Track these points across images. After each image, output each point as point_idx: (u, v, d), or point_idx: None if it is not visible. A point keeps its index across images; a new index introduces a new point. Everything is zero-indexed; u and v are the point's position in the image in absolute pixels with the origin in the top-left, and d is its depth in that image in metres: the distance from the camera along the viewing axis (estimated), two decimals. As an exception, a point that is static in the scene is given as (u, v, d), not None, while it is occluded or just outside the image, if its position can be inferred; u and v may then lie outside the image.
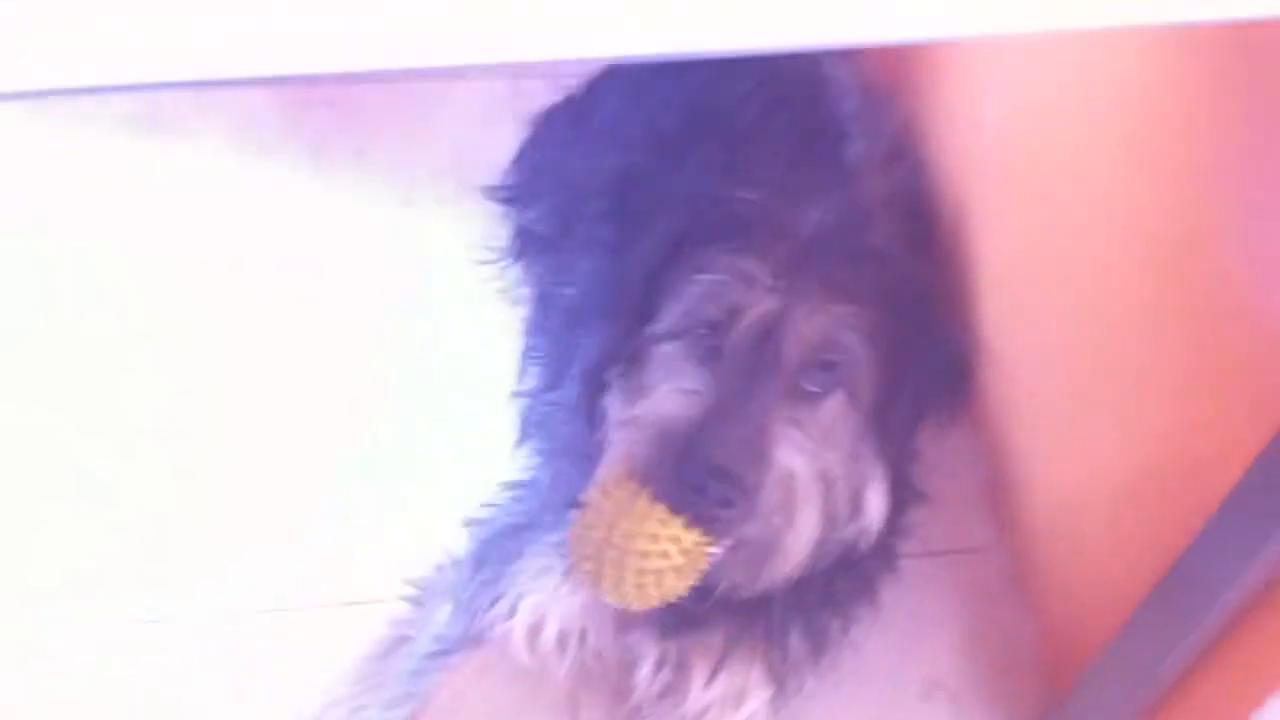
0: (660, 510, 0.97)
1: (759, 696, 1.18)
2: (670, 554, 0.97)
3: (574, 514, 1.02)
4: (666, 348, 1.08)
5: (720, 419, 0.99)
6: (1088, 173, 1.21)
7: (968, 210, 1.48)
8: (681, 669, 1.18)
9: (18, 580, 1.28)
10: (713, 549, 1.00)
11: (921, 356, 1.08)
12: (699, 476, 0.97)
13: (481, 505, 1.30)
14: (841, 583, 1.16)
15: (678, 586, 0.99)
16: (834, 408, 1.05)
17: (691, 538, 0.97)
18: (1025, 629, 1.36)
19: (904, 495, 1.14)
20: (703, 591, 1.06)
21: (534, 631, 1.19)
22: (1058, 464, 1.32)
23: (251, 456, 1.40)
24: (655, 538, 0.97)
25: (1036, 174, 1.33)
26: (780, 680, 1.17)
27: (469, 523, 1.30)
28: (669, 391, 1.04)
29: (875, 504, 1.07)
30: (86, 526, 1.32)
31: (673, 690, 1.20)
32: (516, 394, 1.41)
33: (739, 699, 1.18)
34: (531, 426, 1.36)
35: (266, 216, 1.60)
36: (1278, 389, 0.91)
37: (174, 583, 1.31)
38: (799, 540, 1.03)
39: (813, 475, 1.02)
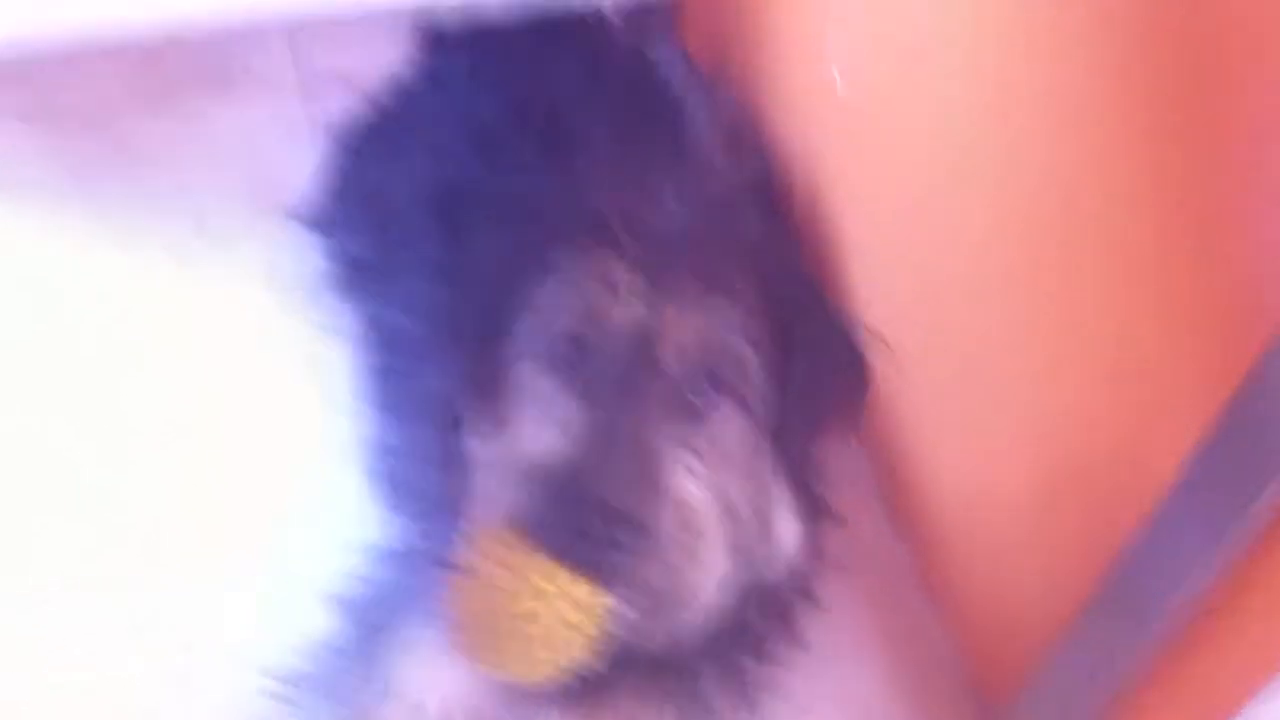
0: (543, 562, 0.84)
1: None
2: (561, 612, 0.84)
3: (445, 580, 0.88)
4: (525, 372, 0.94)
5: (598, 449, 0.87)
6: (963, 123, 1.11)
7: (824, 191, 1.38)
8: None
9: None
10: (608, 600, 0.87)
11: (812, 350, 0.97)
12: (585, 519, 0.84)
13: (340, 578, 1.13)
14: (757, 620, 1.04)
15: (574, 649, 0.86)
16: (725, 421, 0.93)
17: (583, 590, 0.84)
18: (951, 648, 1.27)
19: (813, 513, 1.02)
20: (604, 647, 0.92)
21: (417, 715, 1.04)
22: (965, 464, 1.22)
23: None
24: (540, 595, 0.84)
25: (899, 138, 1.23)
26: None
27: (330, 600, 1.13)
28: (534, 423, 0.91)
29: (786, 528, 0.96)
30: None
31: None
32: (359, 446, 1.25)
33: None
34: (383, 482, 1.20)
35: (35, 262, 1.41)
36: (1222, 360, 0.81)
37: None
38: (707, 579, 0.91)
39: (712, 502, 0.90)
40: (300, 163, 1.44)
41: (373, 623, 1.06)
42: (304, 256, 1.40)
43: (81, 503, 1.23)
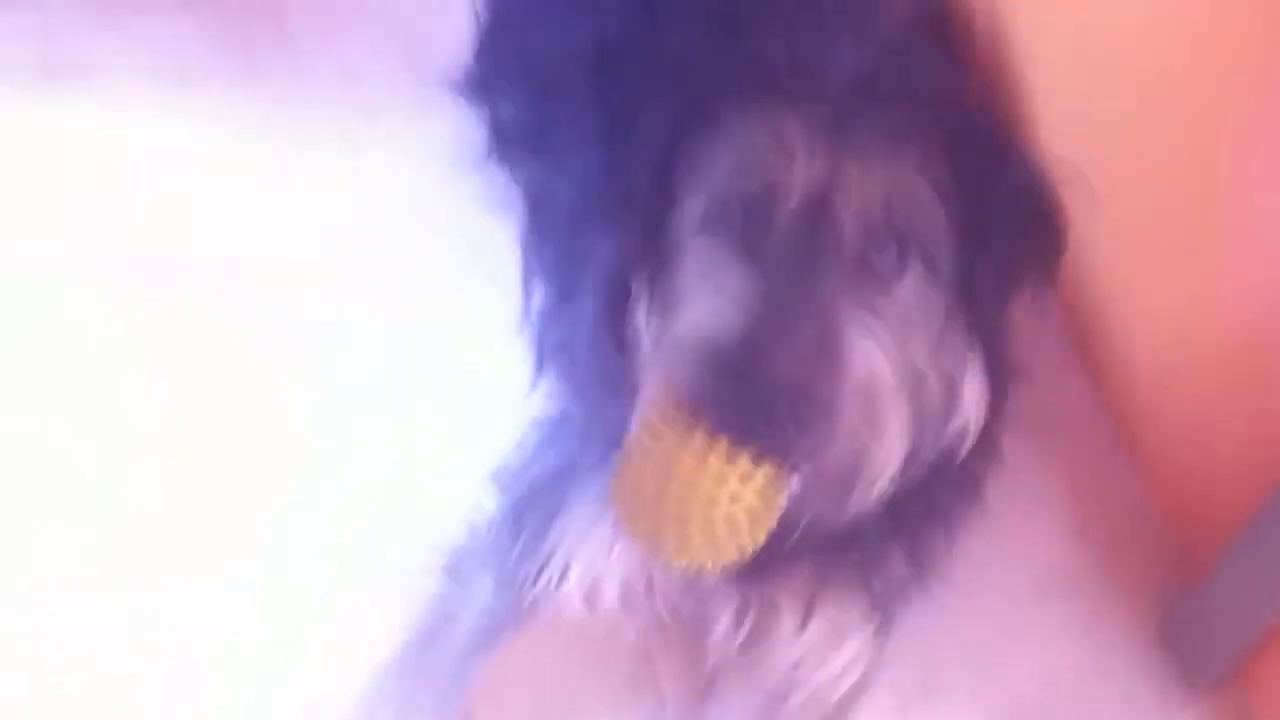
0: (722, 446, 0.80)
1: (861, 633, 1.03)
2: (742, 496, 0.81)
3: (616, 461, 0.85)
4: (698, 243, 0.90)
5: (777, 323, 0.82)
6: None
7: (1006, 25, 1.28)
8: (769, 614, 1.03)
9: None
10: (790, 482, 0.83)
11: (1005, 205, 0.90)
12: (763, 398, 0.80)
13: (508, 453, 1.13)
14: (942, 489, 0.99)
15: (756, 534, 0.83)
16: (912, 286, 0.87)
17: (764, 473, 0.81)
18: (1144, 512, 1.21)
19: (1002, 376, 0.96)
20: (785, 528, 0.89)
21: (593, 592, 1.04)
22: (1165, 316, 1.15)
23: (252, 430, 1.26)
24: (721, 479, 0.80)
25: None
26: (884, 609, 1.02)
27: (498, 474, 1.13)
28: (709, 296, 0.87)
29: (974, 396, 0.90)
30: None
31: (760, 640, 1.04)
32: (526, 317, 1.23)
33: (839, 639, 1.03)
34: (549, 354, 1.18)
35: (206, 159, 1.42)
36: None
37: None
38: (890, 455, 0.86)
39: (899, 374, 0.85)
40: (457, 30, 1.40)
41: (543, 501, 1.05)
42: (464, 127, 1.38)
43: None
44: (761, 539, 0.83)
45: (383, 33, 1.49)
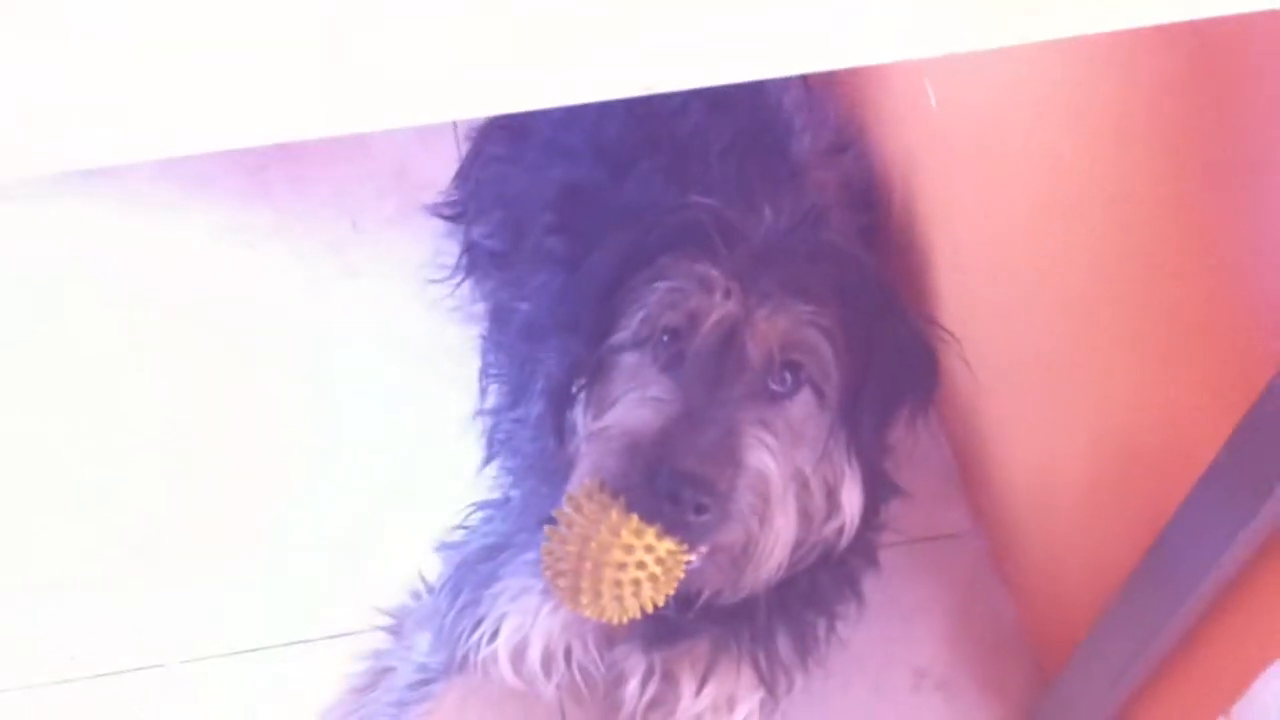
0: (634, 521, 0.96)
1: (749, 701, 1.17)
2: (646, 564, 0.96)
3: (547, 529, 1.01)
4: (629, 357, 1.07)
5: (688, 425, 0.99)
6: (1039, 148, 1.21)
7: (917, 197, 1.48)
8: (670, 680, 1.17)
9: (12, 582, 1.27)
10: (689, 557, 0.99)
11: (886, 348, 1.08)
12: (671, 484, 0.96)
13: (453, 529, 1.29)
14: (824, 581, 1.16)
15: (656, 596, 0.98)
16: (802, 407, 1.04)
17: (666, 546, 0.97)
18: (1009, 612, 1.37)
19: (879, 489, 1.14)
20: (685, 600, 1.06)
21: (518, 653, 1.18)
22: (1030, 446, 1.32)
23: (197, 508, 1.38)
24: (630, 548, 0.96)
25: (985, 155, 1.33)
26: (769, 683, 1.17)
27: (442, 548, 1.29)
28: (635, 401, 1.03)
29: (851, 500, 1.07)
30: (80, 529, 1.31)
31: (662, 702, 1.19)
32: (479, 413, 1.40)
33: (730, 705, 1.17)
34: (497, 445, 1.35)
35: (212, 252, 1.58)
36: (1251, 360, 0.91)
37: (185, 558, 1.31)
38: (776, 542, 1.02)
39: (786, 476, 1.02)
40: (444, 163, 1.59)
41: (480, 571, 1.20)
42: (440, 246, 1.56)
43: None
44: (662, 601, 0.98)
45: (375, 161, 1.66)
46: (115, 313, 1.50)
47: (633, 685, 1.18)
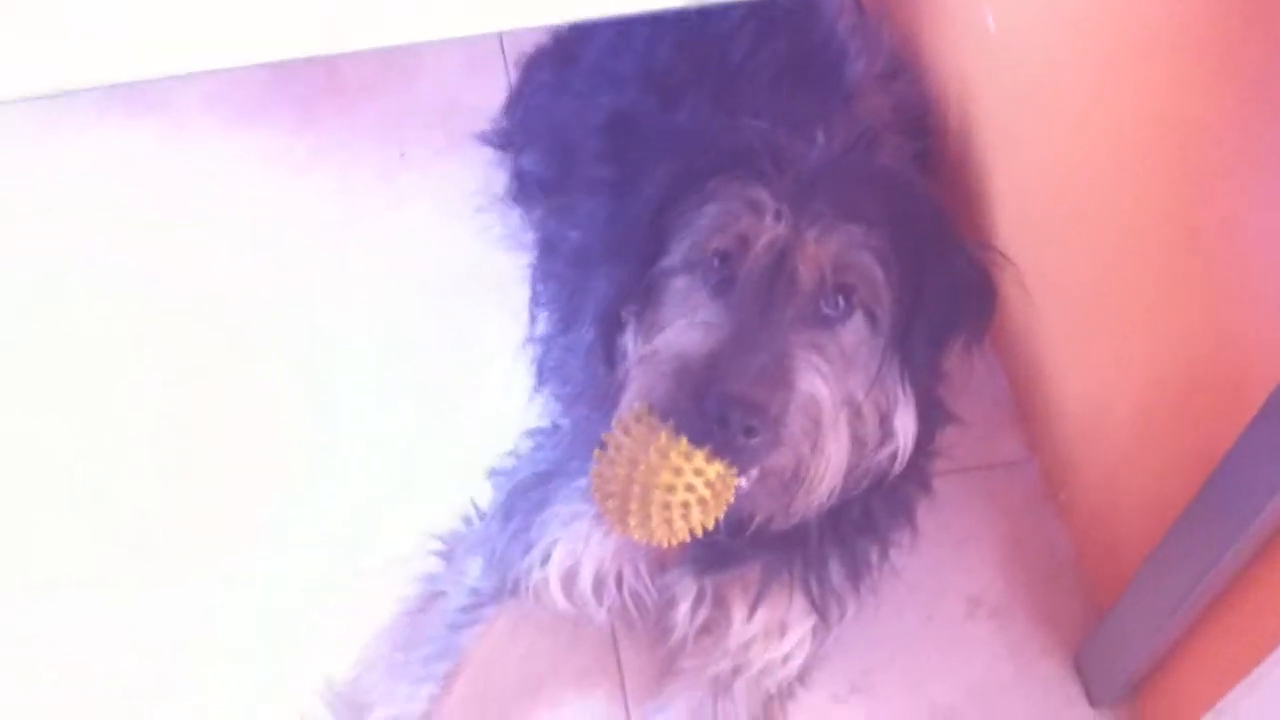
0: (683, 444, 0.95)
1: (801, 627, 1.17)
2: (695, 487, 0.96)
3: (596, 453, 1.00)
4: (679, 282, 1.06)
5: (738, 349, 0.98)
6: (1096, 71, 1.18)
7: (973, 120, 1.45)
8: (720, 605, 1.18)
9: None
10: (739, 480, 0.98)
11: (941, 273, 1.06)
12: (720, 407, 0.95)
13: (504, 456, 1.29)
14: (877, 507, 1.15)
15: (705, 520, 0.97)
16: (854, 331, 1.03)
17: (716, 469, 0.96)
18: (1063, 542, 1.35)
19: (933, 416, 1.12)
20: (736, 525, 1.05)
21: (569, 578, 1.18)
22: (1086, 372, 1.30)
23: (267, 423, 1.39)
24: (679, 471, 0.95)
25: (1043, 80, 1.30)
26: (821, 609, 1.17)
27: (494, 474, 1.29)
28: (685, 325, 1.02)
29: (905, 426, 1.05)
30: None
31: (713, 626, 1.19)
32: (529, 341, 1.40)
33: (781, 630, 1.17)
34: (548, 372, 1.35)
35: (258, 186, 1.58)
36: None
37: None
38: (828, 467, 1.01)
39: (837, 400, 1.00)
40: (493, 92, 1.58)
41: (531, 497, 1.20)
42: (491, 176, 1.55)
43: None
44: (711, 524, 0.98)
45: (423, 91, 1.65)
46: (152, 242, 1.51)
47: (684, 609, 1.18)
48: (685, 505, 0.96)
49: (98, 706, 1.21)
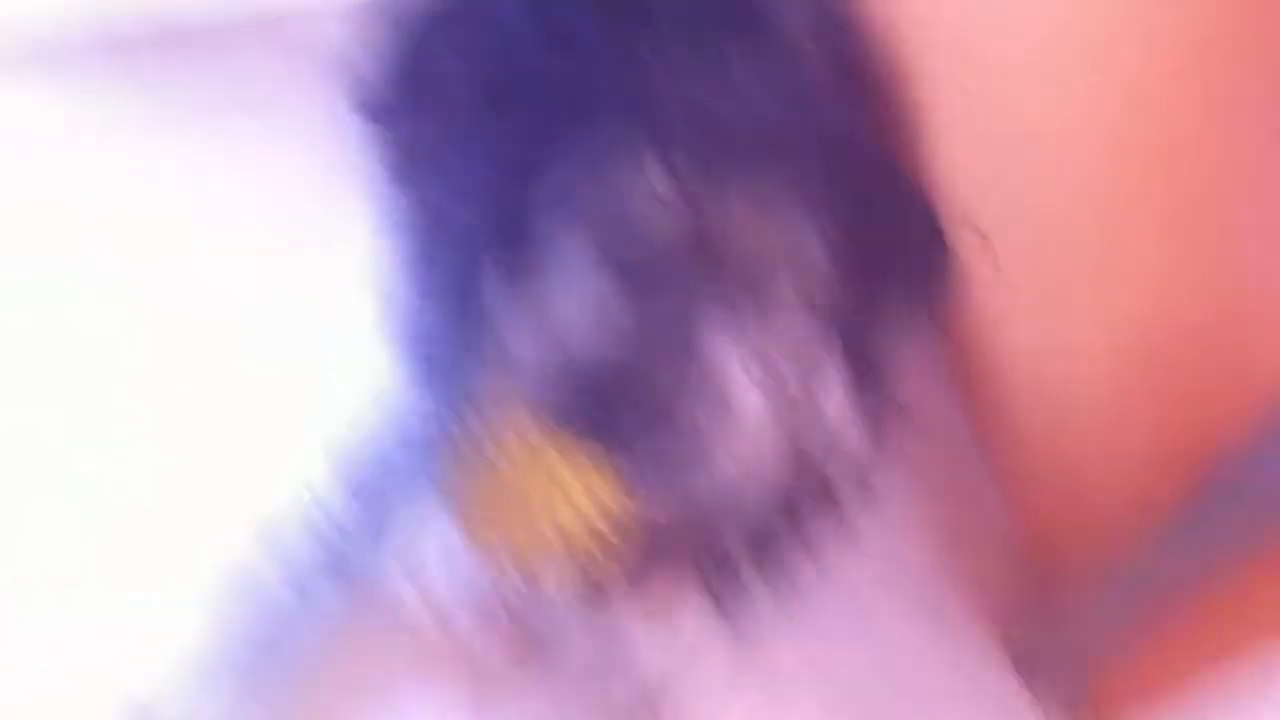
0: (562, 443, 0.83)
1: (690, 608, 1.02)
2: (578, 496, 0.83)
3: (459, 465, 0.87)
4: (574, 265, 0.92)
5: (644, 347, 0.86)
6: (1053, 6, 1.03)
7: (921, 69, 1.28)
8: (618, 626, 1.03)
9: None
10: (633, 486, 0.86)
11: (889, 240, 0.95)
12: (623, 422, 0.82)
13: (355, 453, 1.12)
14: (805, 505, 1.02)
15: (593, 536, 0.86)
16: (786, 317, 0.89)
17: (603, 474, 0.83)
18: (1013, 536, 1.24)
19: (873, 399, 1.00)
20: (635, 534, 0.91)
21: (427, 597, 1.02)
22: (1045, 353, 1.16)
23: None
24: (558, 477, 0.83)
25: (1000, 18, 1.12)
26: (738, 626, 1.04)
27: (339, 472, 1.12)
28: (579, 317, 0.89)
29: (839, 411, 0.94)
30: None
31: (608, 653, 1.04)
32: (402, 330, 1.21)
33: (665, 612, 1.02)
34: (416, 363, 1.17)
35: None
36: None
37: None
38: (746, 463, 0.89)
39: (770, 404, 0.87)
40: (364, 52, 1.38)
41: (385, 499, 1.05)
42: (362, 144, 1.36)
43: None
44: (599, 542, 0.85)
45: (288, 47, 1.50)
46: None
47: (573, 629, 1.03)
48: (579, 541, 0.81)
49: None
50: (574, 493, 0.83)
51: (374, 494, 1.05)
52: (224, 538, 1.17)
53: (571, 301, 0.90)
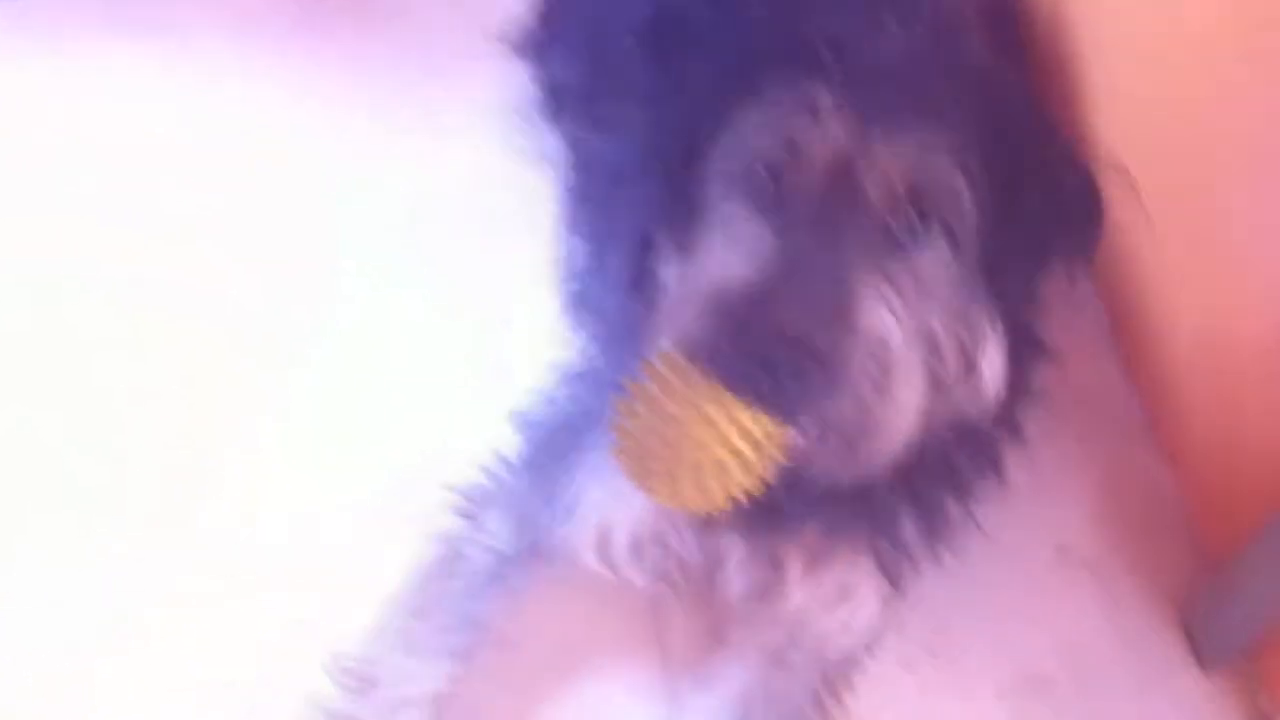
0: (719, 392, 0.80)
1: (867, 592, 1.03)
2: (735, 444, 0.80)
3: (618, 403, 0.85)
4: (722, 200, 0.90)
5: (789, 279, 0.82)
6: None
7: (1069, 7, 1.27)
8: (775, 568, 1.03)
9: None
10: (791, 435, 0.82)
11: (1037, 184, 0.89)
12: (764, 349, 0.79)
13: (533, 400, 1.15)
14: (959, 457, 0.99)
15: (747, 483, 0.82)
16: (933, 256, 0.86)
17: (760, 424, 0.80)
18: (1167, 486, 1.19)
19: (1027, 353, 0.95)
20: (793, 484, 0.89)
21: (603, 540, 1.05)
22: (1199, 296, 1.13)
23: (278, 358, 1.27)
24: (714, 425, 0.80)
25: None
26: (892, 572, 1.02)
27: (520, 421, 1.15)
28: (723, 249, 0.87)
29: (992, 366, 0.89)
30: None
31: (767, 593, 1.05)
32: (562, 270, 1.25)
33: (844, 595, 1.03)
34: (581, 305, 1.20)
35: (282, 116, 1.45)
36: None
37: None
38: (900, 416, 0.85)
39: (910, 337, 0.85)
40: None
41: (562, 448, 1.06)
42: (518, 84, 1.40)
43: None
44: (755, 489, 0.83)
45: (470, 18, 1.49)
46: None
47: (732, 573, 1.04)
48: (721, 466, 0.80)
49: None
50: (719, 424, 0.79)
51: (555, 452, 1.06)
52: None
53: (727, 243, 0.87)
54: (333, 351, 1.26)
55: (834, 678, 1.09)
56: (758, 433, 0.80)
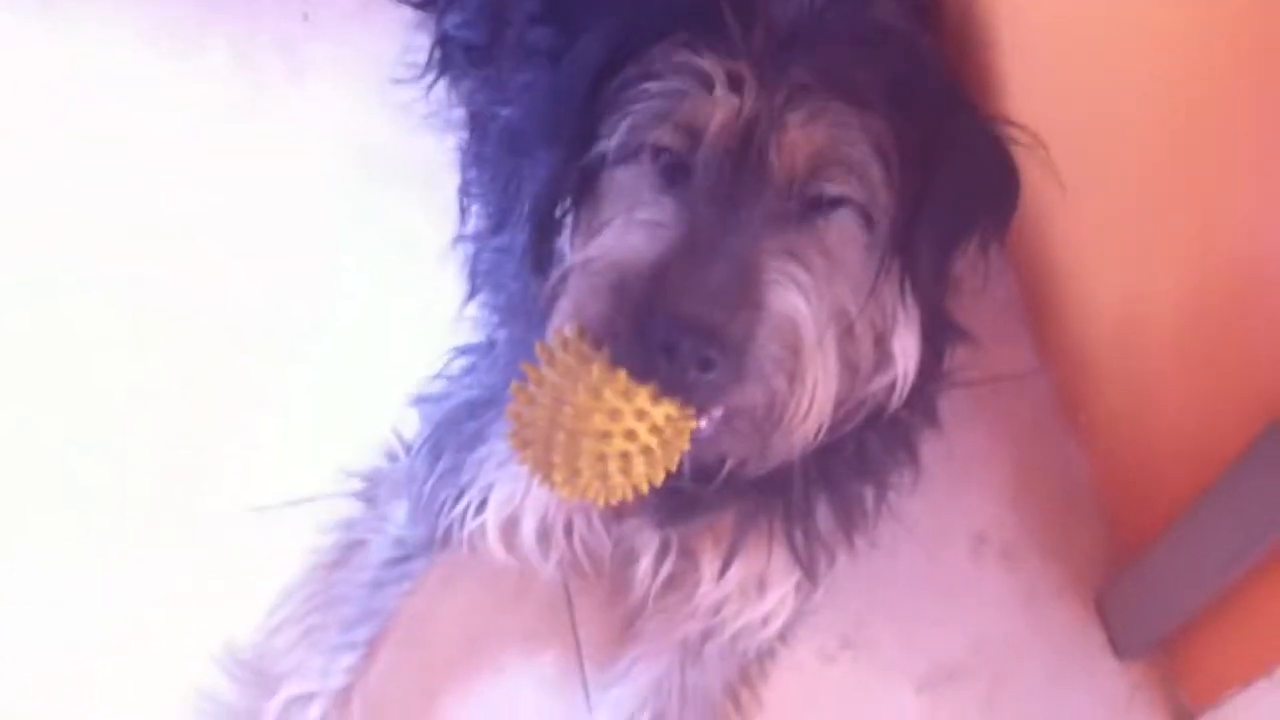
0: (620, 379, 0.76)
1: (783, 583, 1.00)
2: (637, 433, 0.76)
3: (514, 387, 0.80)
4: (621, 171, 0.86)
5: (691, 257, 0.78)
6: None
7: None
8: (688, 558, 1.01)
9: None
10: (695, 423, 0.79)
11: (953, 159, 0.85)
12: (667, 333, 0.75)
13: (431, 379, 1.10)
14: (874, 444, 0.97)
15: (651, 473, 0.78)
16: (842, 233, 0.83)
17: (663, 411, 0.76)
18: (1082, 469, 1.18)
19: (941, 335, 0.93)
20: (702, 472, 0.87)
21: (509, 527, 1.01)
22: (1115, 274, 1.11)
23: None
24: (616, 414, 0.76)
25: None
26: (807, 562, 0.99)
27: (419, 401, 1.10)
28: (623, 226, 0.83)
29: (905, 349, 0.87)
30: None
31: (680, 583, 1.02)
32: (458, 240, 1.20)
33: (760, 587, 1.00)
34: (480, 278, 1.15)
35: (142, 69, 1.37)
36: None
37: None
38: (811, 402, 0.82)
39: (821, 320, 0.81)
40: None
41: (463, 430, 1.02)
42: (410, 42, 1.33)
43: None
44: (659, 478, 0.79)
45: None
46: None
47: (645, 564, 1.01)
48: (624, 456, 0.77)
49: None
50: (621, 412, 0.76)
51: (457, 435, 1.02)
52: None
53: (628, 220, 0.82)
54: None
55: (749, 670, 1.07)
56: (662, 421, 0.77)
